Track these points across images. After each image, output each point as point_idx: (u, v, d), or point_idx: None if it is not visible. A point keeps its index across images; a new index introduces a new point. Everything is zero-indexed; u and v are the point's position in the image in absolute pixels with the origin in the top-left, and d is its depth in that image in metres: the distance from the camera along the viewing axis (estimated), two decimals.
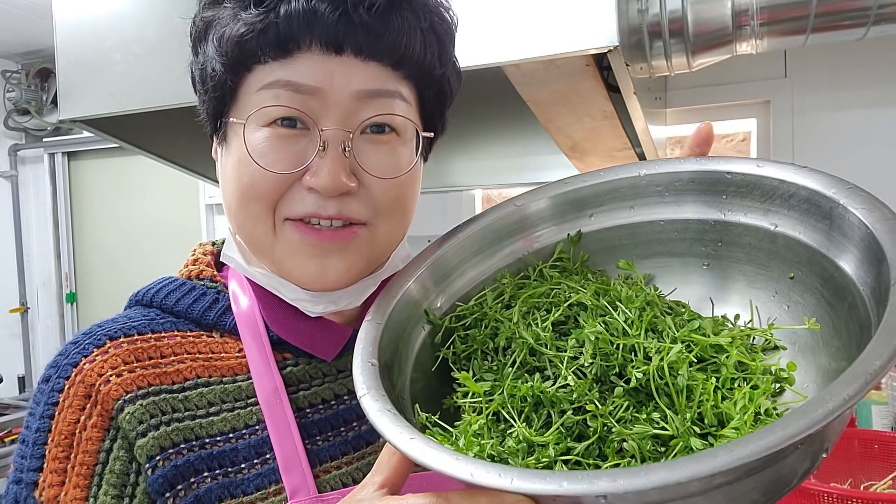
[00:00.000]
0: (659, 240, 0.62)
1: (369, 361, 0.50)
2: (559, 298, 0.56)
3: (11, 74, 3.67)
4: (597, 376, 0.49)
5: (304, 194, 0.58)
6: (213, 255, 0.72)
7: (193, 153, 1.58)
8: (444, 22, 0.62)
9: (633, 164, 0.63)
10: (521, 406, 0.48)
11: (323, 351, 0.65)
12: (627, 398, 0.48)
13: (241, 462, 0.59)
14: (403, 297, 0.57)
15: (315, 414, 0.64)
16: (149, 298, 0.66)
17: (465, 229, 0.64)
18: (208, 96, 0.61)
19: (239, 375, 0.63)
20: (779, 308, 0.56)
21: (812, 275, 0.53)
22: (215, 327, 0.65)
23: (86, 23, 1.22)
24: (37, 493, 0.57)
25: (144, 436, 0.56)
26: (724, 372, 0.49)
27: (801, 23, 1.19)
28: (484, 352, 0.56)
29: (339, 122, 0.57)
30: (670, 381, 0.47)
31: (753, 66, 2.22)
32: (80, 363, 0.59)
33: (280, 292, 0.63)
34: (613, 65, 0.94)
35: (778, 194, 0.55)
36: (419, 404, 0.51)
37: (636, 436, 0.45)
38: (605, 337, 0.50)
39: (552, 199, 0.65)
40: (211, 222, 3.47)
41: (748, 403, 0.46)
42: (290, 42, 0.56)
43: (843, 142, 2.19)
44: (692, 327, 0.52)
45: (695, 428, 0.45)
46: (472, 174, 2.23)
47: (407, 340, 0.57)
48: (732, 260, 0.59)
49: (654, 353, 0.49)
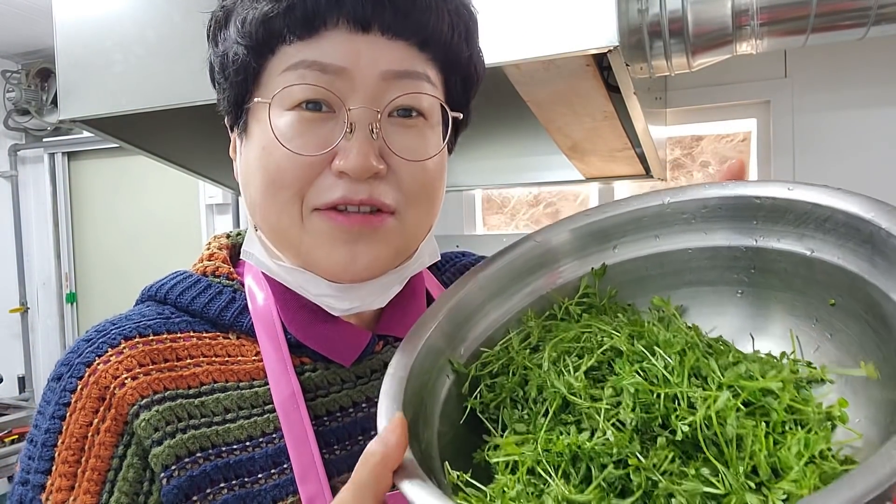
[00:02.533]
0: (688, 269, 0.60)
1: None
2: (591, 343, 0.53)
3: (11, 74, 3.67)
4: (637, 428, 0.46)
5: (332, 181, 0.56)
6: (229, 248, 0.70)
7: (193, 153, 1.58)
8: (467, 8, 0.62)
9: (655, 192, 0.61)
10: (557, 461, 0.46)
11: (342, 356, 0.64)
12: (672, 450, 0.45)
13: (257, 472, 0.58)
14: (425, 346, 0.54)
15: (333, 422, 0.62)
16: (163, 295, 0.64)
17: (484, 269, 0.61)
18: (229, 83, 0.60)
19: (256, 380, 0.61)
20: (821, 336, 0.53)
21: (855, 301, 0.50)
22: (232, 328, 0.63)
23: (86, 23, 1.22)
24: (44, 496, 0.55)
25: (160, 444, 0.55)
26: (775, 416, 0.46)
27: (801, 23, 1.19)
28: (513, 399, 0.53)
29: (367, 102, 0.55)
30: (719, 430, 0.44)
31: (753, 66, 2.22)
32: (94, 363, 0.57)
33: (304, 289, 0.61)
34: (613, 65, 0.94)
35: (812, 218, 0.52)
36: (449, 460, 0.48)
37: (686, 493, 0.42)
38: (646, 387, 0.47)
39: (573, 233, 0.63)
40: (211, 222, 3.47)
41: (803, 450, 0.43)
42: (317, 19, 0.54)
43: (844, 142, 2.19)
44: (738, 371, 0.49)
45: (748, 482, 0.42)
46: (472, 174, 2.23)
47: (431, 392, 0.54)
48: (768, 287, 0.56)
49: (699, 401, 0.46)
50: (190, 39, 1.15)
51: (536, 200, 2.84)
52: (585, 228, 0.63)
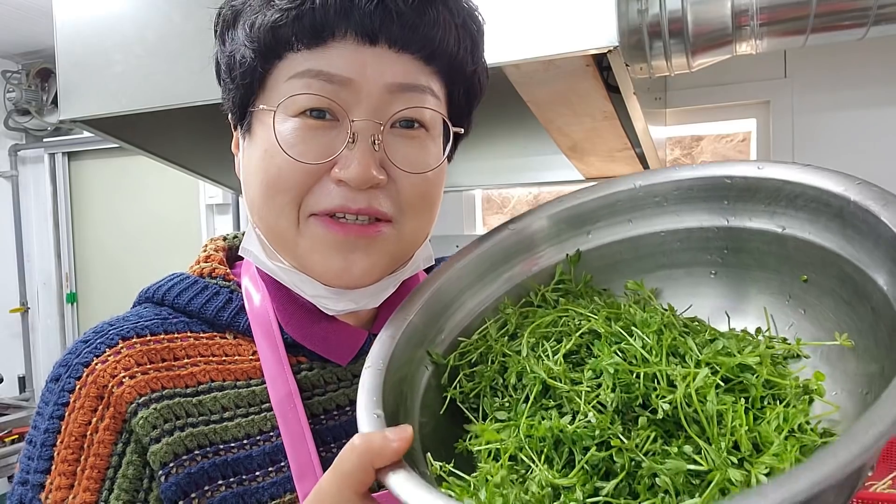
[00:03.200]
0: (662, 251, 0.60)
1: (374, 413, 0.47)
2: (569, 327, 0.53)
3: (12, 74, 3.67)
4: (618, 409, 0.46)
5: (331, 188, 0.57)
6: (225, 250, 0.71)
7: (193, 153, 1.58)
8: (475, 21, 0.62)
9: (627, 175, 0.62)
10: (539, 446, 0.46)
11: (338, 355, 0.64)
12: (653, 429, 0.45)
13: (255, 470, 0.58)
14: (402, 337, 0.55)
15: (329, 420, 0.63)
16: (160, 296, 0.65)
17: (460, 259, 0.62)
18: (235, 84, 0.60)
19: (253, 379, 0.62)
20: (795, 313, 0.53)
21: (828, 276, 0.51)
22: (229, 328, 0.64)
23: (86, 23, 1.22)
24: (43, 495, 0.55)
25: (158, 441, 0.55)
26: (754, 392, 0.46)
27: (801, 23, 1.19)
28: (493, 388, 0.53)
29: (370, 114, 0.56)
30: (699, 408, 0.44)
31: (753, 67, 2.22)
32: (92, 363, 0.57)
33: (300, 289, 0.62)
34: (613, 65, 0.94)
35: (783, 195, 0.53)
36: (431, 451, 0.48)
37: (670, 471, 0.42)
38: (625, 367, 0.47)
39: (548, 220, 0.63)
40: (211, 222, 3.47)
41: (783, 424, 0.44)
42: (325, 30, 0.55)
43: (843, 142, 2.19)
44: (716, 348, 0.49)
45: (731, 458, 0.42)
46: (472, 174, 2.23)
47: (411, 384, 0.54)
48: (741, 266, 0.57)
49: (679, 379, 0.46)
50: (190, 39, 1.15)
51: (536, 200, 2.84)
52: (560, 215, 0.63)
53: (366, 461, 0.42)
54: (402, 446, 0.43)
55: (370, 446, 0.42)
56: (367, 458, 0.42)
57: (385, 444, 0.42)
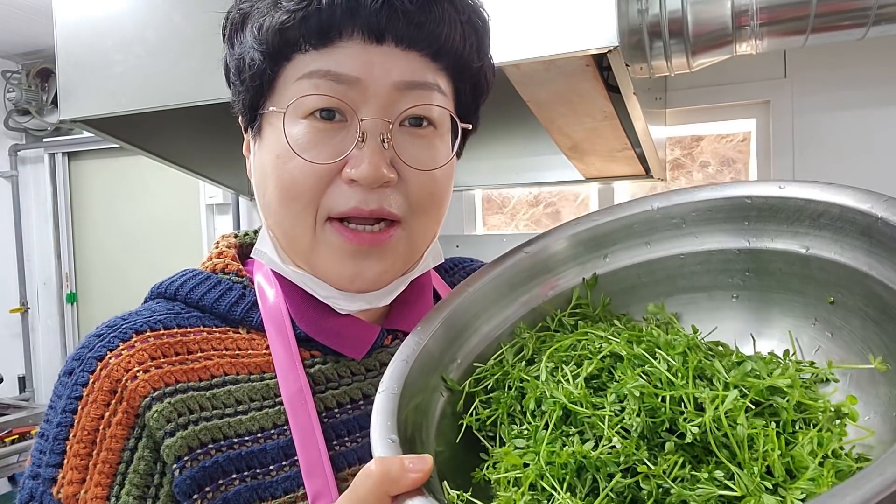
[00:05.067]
0: (681, 274, 0.59)
1: (389, 438, 0.45)
2: (589, 350, 0.52)
3: (12, 74, 3.67)
4: (643, 433, 0.44)
5: (344, 189, 0.57)
6: (237, 247, 0.71)
7: (193, 153, 1.58)
8: (480, 18, 0.62)
9: (644, 197, 0.60)
10: (561, 473, 0.44)
11: (352, 349, 0.64)
12: (681, 454, 0.43)
13: (269, 464, 0.58)
14: (417, 361, 0.53)
15: (343, 414, 0.63)
16: (172, 291, 0.65)
17: (474, 283, 0.60)
18: (245, 87, 0.60)
19: (266, 373, 0.62)
20: (821, 336, 0.52)
21: (854, 296, 0.49)
22: (242, 323, 0.64)
23: (86, 23, 1.22)
24: (55, 489, 0.55)
25: (172, 435, 0.55)
26: (785, 416, 0.45)
27: (801, 23, 1.19)
28: (511, 415, 0.52)
29: (379, 113, 0.56)
30: (729, 432, 0.42)
31: (753, 67, 2.22)
32: (106, 357, 0.57)
33: (313, 290, 0.62)
34: (613, 65, 0.94)
35: (805, 215, 0.52)
36: (447, 480, 0.46)
37: (700, 497, 0.40)
38: (650, 390, 0.45)
39: (564, 243, 0.62)
40: (211, 222, 3.47)
41: (817, 448, 0.42)
42: (332, 30, 0.55)
43: (843, 142, 2.19)
44: (745, 370, 0.47)
45: (764, 483, 0.41)
46: (472, 174, 2.24)
47: (426, 410, 0.53)
48: (764, 289, 0.55)
49: (707, 402, 0.44)
50: (190, 39, 1.15)
51: (536, 200, 2.84)
52: (576, 237, 0.62)
53: (381, 491, 0.41)
54: (420, 479, 0.41)
55: (387, 475, 0.41)
56: (382, 488, 0.41)
57: (403, 474, 0.41)
